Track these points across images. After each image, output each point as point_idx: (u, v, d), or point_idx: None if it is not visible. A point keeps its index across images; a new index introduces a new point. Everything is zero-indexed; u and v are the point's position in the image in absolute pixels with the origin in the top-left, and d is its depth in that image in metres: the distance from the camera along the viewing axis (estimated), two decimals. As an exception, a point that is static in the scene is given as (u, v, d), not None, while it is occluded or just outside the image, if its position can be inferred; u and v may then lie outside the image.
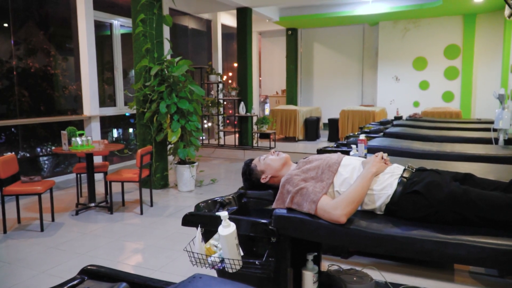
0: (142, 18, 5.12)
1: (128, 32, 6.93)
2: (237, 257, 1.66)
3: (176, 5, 6.43)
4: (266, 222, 1.77)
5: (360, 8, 9.23)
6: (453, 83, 9.67)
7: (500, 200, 1.57)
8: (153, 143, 5.25)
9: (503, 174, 2.41)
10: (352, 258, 2.90)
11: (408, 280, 2.57)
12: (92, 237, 3.75)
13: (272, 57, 12.53)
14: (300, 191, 1.79)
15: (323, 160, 1.95)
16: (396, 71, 10.20)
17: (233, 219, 1.72)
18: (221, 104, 8.39)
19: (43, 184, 3.91)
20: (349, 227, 1.66)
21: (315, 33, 11.58)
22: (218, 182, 5.89)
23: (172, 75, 5.08)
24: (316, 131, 9.67)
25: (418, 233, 1.57)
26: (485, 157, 3.12)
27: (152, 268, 3.06)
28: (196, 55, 9.50)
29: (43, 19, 5.80)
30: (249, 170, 2.17)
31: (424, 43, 9.82)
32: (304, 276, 1.97)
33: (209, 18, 9.79)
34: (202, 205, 2.03)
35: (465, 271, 2.75)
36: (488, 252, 1.45)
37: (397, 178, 1.79)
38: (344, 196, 1.71)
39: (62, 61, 6.13)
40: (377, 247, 1.64)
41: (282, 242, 1.79)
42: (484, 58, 9.27)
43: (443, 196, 1.63)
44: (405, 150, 3.39)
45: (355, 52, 11.17)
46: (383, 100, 10.37)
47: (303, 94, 12.00)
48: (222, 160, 7.78)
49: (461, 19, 9.38)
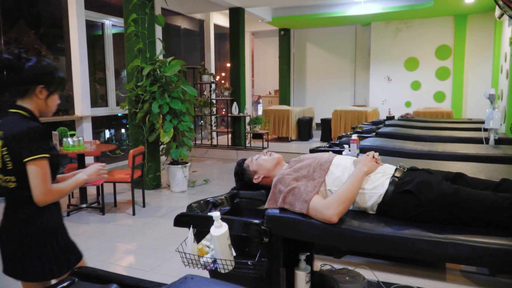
0: (134, 18, 5.10)
1: (120, 32, 6.89)
2: (230, 257, 1.66)
3: (168, 5, 6.40)
4: (259, 222, 1.77)
5: (352, 9, 9.27)
6: (444, 83, 9.74)
7: (490, 199, 1.59)
8: (146, 144, 5.23)
9: (493, 174, 2.43)
10: (344, 258, 2.91)
11: (401, 279, 2.58)
12: (84, 238, 3.72)
13: (265, 57, 12.54)
14: (292, 191, 1.79)
15: (314, 158, 1.95)
16: (388, 71, 10.26)
17: (225, 220, 1.71)
18: (213, 104, 8.37)
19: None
20: (341, 226, 1.66)
21: (308, 33, 11.61)
22: (211, 183, 5.88)
23: (164, 75, 5.06)
24: (309, 131, 9.69)
25: (410, 232, 1.58)
26: (476, 157, 3.15)
27: (145, 269, 3.04)
28: (188, 55, 9.48)
29: (34, 18, 5.75)
30: (242, 170, 2.17)
31: (415, 44, 9.89)
32: (297, 276, 1.97)
33: (202, 18, 9.77)
34: (194, 205, 2.02)
35: (457, 270, 2.77)
36: (478, 251, 1.46)
37: (388, 178, 1.79)
38: (336, 196, 1.71)
39: (53, 61, 6.08)
40: (369, 247, 1.64)
41: (275, 242, 1.79)
42: (475, 58, 9.35)
43: (434, 195, 1.64)
44: (397, 150, 3.41)
45: (348, 53, 11.21)
46: (375, 100, 10.42)
47: (295, 94, 12.02)
48: (215, 161, 7.77)
49: (452, 20, 9.46)
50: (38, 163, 1.55)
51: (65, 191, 1.66)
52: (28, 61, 1.61)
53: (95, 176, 1.79)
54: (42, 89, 1.65)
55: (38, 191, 1.55)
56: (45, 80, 1.65)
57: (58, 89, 1.72)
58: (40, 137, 1.57)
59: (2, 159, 1.58)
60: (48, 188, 1.57)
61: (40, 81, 1.64)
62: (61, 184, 1.66)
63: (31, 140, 1.55)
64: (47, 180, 1.57)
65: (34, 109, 1.66)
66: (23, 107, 1.63)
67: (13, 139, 1.55)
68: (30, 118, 1.63)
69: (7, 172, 1.57)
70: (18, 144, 1.54)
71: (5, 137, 1.57)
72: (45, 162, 1.57)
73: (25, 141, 1.54)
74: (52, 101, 1.72)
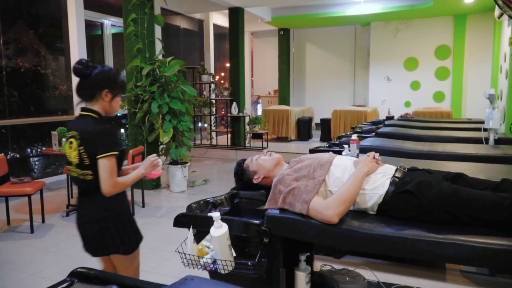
0: (133, 17, 5.09)
1: (119, 31, 6.89)
2: (230, 258, 1.65)
3: (167, 5, 6.39)
4: (259, 222, 1.77)
5: (351, 9, 9.26)
6: (444, 83, 9.74)
7: (490, 199, 1.58)
8: (145, 144, 5.22)
9: (493, 174, 2.43)
10: (344, 258, 2.90)
11: (401, 280, 2.58)
12: (83, 238, 3.71)
13: (264, 57, 12.53)
14: (292, 191, 1.79)
15: (314, 159, 1.95)
16: (387, 71, 10.25)
17: (225, 220, 1.71)
18: (213, 104, 8.37)
19: (33, 185, 3.87)
20: (341, 227, 1.66)
21: (307, 33, 11.60)
22: (210, 183, 5.87)
23: (163, 75, 5.05)
24: (309, 131, 9.68)
25: (410, 232, 1.57)
26: (476, 157, 3.15)
27: (144, 269, 3.03)
28: (188, 55, 9.47)
29: (33, 18, 5.75)
30: (242, 171, 2.16)
31: (415, 44, 9.89)
32: (297, 277, 1.96)
33: (201, 18, 9.77)
34: (194, 205, 2.02)
35: (457, 270, 2.77)
36: (478, 252, 1.46)
37: (389, 178, 1.79)
38: (336, 196, 1.71)
39: (53, 61, 6.07)
40: (369, 247, 1.64)
41: (275, 242, 1.78)
42: (475, 58, 9.35)
43: (434, 195, 1.64)
44: (397, 150, 3.41)
45: (347, 53, 11.21)
46: (375, 100, 10.42)
47: (295, 94, 12.02)
48: (214, 161, 7.76)
49: (452, 20, 9.46)
50: (108, 159, 1.80)
51: (127, 183, 1.92)
52: (94, 68, 1.86)
53: (150, 168, 2.01)
54: (107, 92, 1.88)
55: (106, 184, 1.81)
56: (109, 85, 1.89)
57: (120, 92, 1.96)
58: (110, 137, 1.83)
59: (79, 156, 1.83)
60: (114, 181, 1.83)
61: (105, 86, 1.88)
62: (124, 178, 1.92)
63: (103, 140, 1.81)
64: (114, 174, 1.83)
65: (100, 111, 1.91)
66: (92, 109, 1.89)
67: (89, 139, 1.81)
68: (99, 119, 1.89)
69: (85, 167, 1.83)
70: (92, 143, 1.80)
71: (81, 137, 1.82)
72: (113, 158, 1.83)
73: (98, 141, 1.80)
74: (115, 103, 1.95)
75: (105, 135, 1.82)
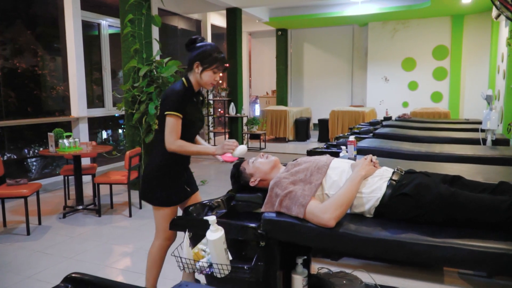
0: (130, 18, 5.07)
1: (117, 32, 6.87)
2: (226, 262, 1.64)
3: (165, 5, 6.37)
4: (255, 226, 1.76)
5: (349, 9, 9.27)
6: (441, 83, 9.76)
7: (488, 201, 1.58)
8: (142, 145, 5.20)
9: (491, 175, 2.43)
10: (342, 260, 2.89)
11: (398, 282, 2.57)
12: (80, 240, 3.70)
13: (262, 57, 12.53)
14: (288, 195, 1.77)
15: (312, 162, 1.94)
16: (385, 71, 10.27)
17: (221, 223, 1.70)
18: (211, 104, 8.35)
19: (29, 186, 3.85)
20: (338, 230, 1.65)
21: (305, 33, 11.60)
22: (208, 184, 5.86)
23: (161, 76, 5.04)
24: (306, 131, 9.69)
25: (407, 236, 1.57)
26: (473, 158, 3.15)
27: (141, 272, 3.02)
28: (185, 55, 9.42)
29: (30, 18, 5.72)
30: (238, 173, 2.15)
31: (412, 44, 9.90)
32: (294, 280, 1.95)
33: (199, 19, 9.75)
34: (191, 208, 2.01)
35: (454, 272, 2.76)
36: (476, 255, 1.45)
37: (386, 181, 1.78)
38: (333, 200, 1.70)
39: (50, 61, 6.05)
40: (367, 250, 1.63)
41: (271, 246, 1.77)
42: (472, 59, 9.37)
43: (432, 198, 1.63)
44: (394, 151, 3.40)
45: (345, 53, 11.22)
46: (373, 100, 10.43)
47: (293, 95, 12.02)
48: (212, 161, 7.75)
49: (449, 20, 9.47)
50: (171, 117, 2.06)
51: (189, 150, 2.13)
52: (195, 43, 2.18)
53: (221, 150, 2.10)
54: (198, 65, 2.14)
55: (166, 139, 2.07)
56: (200, 58, 2.13)
57: (210, 67, 2.14)
58: (177, 99, 2.08)
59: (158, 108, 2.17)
60: (173, 139, 2.06)
61: (197, 59, 2.14)
62: (187, 143, 2.12)
63: (171, 99, 2.09)
64: (173, 133, 2.06)
65: (193, 81, 2.19)
66: (187, 77, 2.20)
67: (164, 95, 2.14)
68: (186, 86, 2.16)
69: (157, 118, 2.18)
70: (165, 99, 2.12)
71: (164, 92, 2.18)
72: (175, 118, 2.06)
73: (168, 98, 2.10)
74: (206, 76, 2.16)
75: (174, 96, 2.08)
